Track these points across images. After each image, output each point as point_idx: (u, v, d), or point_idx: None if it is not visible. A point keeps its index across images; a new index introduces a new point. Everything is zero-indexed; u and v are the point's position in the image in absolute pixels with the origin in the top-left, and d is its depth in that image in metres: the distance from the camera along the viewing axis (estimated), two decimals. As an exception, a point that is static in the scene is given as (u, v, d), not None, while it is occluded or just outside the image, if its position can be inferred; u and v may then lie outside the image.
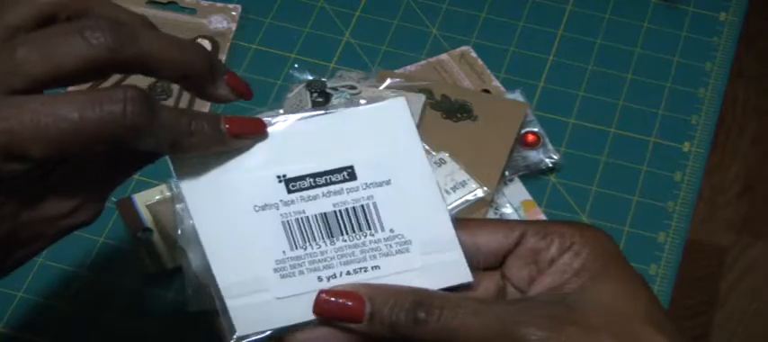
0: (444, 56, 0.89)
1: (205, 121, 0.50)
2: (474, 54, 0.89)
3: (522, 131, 0.82)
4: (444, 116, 0.82)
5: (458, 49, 0.89)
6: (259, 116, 0.53)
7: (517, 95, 0.85)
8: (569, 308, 0.50)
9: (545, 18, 0.92)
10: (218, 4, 0.92)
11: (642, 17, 0.92)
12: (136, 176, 0.82)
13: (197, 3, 0.92)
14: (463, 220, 0.54)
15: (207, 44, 0.89)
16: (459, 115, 0.82)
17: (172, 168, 0.53)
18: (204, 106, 0.85)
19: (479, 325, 0.49)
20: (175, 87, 0.86)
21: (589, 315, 0.50)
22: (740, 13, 0.93)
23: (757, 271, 1.31)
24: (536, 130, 0.83)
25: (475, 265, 0.53)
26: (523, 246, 0.53)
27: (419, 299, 0.50)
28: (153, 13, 0.91)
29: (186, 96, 0.86)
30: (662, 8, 0.93)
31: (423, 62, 0.88)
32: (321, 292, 0.51)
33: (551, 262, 0.52)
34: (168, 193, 0.79)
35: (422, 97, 0.82)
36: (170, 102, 0.86)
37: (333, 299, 0.51)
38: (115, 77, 0.55)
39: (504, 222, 0.54)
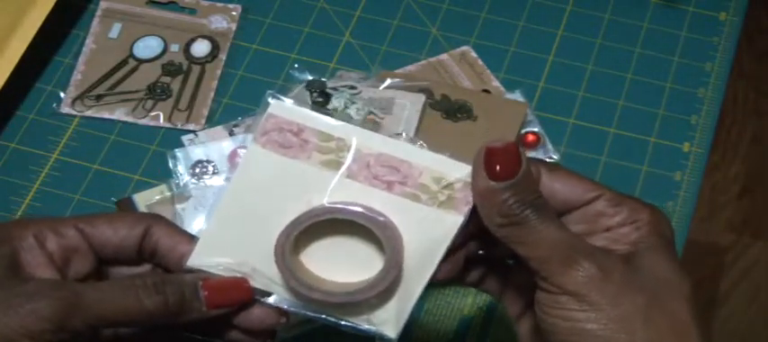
0: (444, 56, 0.88)
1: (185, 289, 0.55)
2: (474, 54, 0.89)
3: (522, 131, 0.82)
4: (444, 116, 0.82)
5: (458, 49, 0.89)
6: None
7: (517, 95, 0.85)
8: (621, 262, 0.53)
9: (545, 18, 0.92)
10: (218, 4, 0.92)
11: (642, 17, 0.92)
12: (136, 176, 0.82)
13: (197, 3, 0.92)
14: (550, 164, 0.56)
15: (207, 44, 0.89)
16: (458, 115, 0.82)
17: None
18: (209, 94, 0.85)
19: (557, 239, 0.53)
20: (175, 88, 0.86)
21: (637, 273, 0.53)
22: (740, 12, 0.92)
23: (757, 271, 1.31)
24: (536, 130, 0.83)
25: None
26: (593, 206, 0.55)
27: (538, 198, 0.53)
28: (153, 13, 0.91)
29: (187, 94, 0.86)
30: (662, 8, 0.93)
31: (423, 62, 0.88)
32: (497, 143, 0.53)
33: (609, 229, 0.55)
34: (168, 193, 0.79)
35: (422, 97, 0.82)
36: (170, 102, 0.86)
37: (501, 145, 0.53)
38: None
39: (585, 180, 0.56)
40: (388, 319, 0.56)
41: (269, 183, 0.57)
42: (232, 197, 0.58)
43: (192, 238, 0.57)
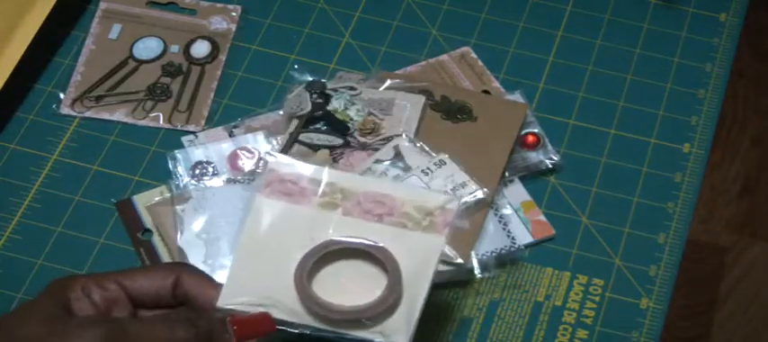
0: (444, 57, 0.88)
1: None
2: (474, 55, 0.89)
3: (522, 132, 0.82)
4: (444, 117, 0.82)
5: (458, 50, 0.89)
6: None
7: (517, 96, 0.85)
8: None
9: (545, 18, 0.92)
10: (219, 5, 0.92)
11: (642, 18, 0.92)
12: (136, 177, 0.82)
13: (197, 3, 0.92)
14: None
15: (206, 45, 0.89)
16: (459, 116, 0.82)
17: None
18: (209, 94, 0.85)
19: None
20: (175, 89, 0.86)
21: None
22: (740, 13, 0.93)
23: (757, 271, 1.30)
24: (536, 130, 0.83)
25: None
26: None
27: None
28: (153, 13, 0.91)
29: (186, 95, 0.86)
30: (662, 8, 0.93)
31: (423, 63, 0.88)
32: None
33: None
34: (168, 195, 0.79)
35: (422, 98, 0.82)
36: (169, 103, 0.86)
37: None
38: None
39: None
40: (399, 329, 0.64)
41: (277, 226, 0.67)
42: (247, 242, 0.67)
43: (216, 283, 0.65)
